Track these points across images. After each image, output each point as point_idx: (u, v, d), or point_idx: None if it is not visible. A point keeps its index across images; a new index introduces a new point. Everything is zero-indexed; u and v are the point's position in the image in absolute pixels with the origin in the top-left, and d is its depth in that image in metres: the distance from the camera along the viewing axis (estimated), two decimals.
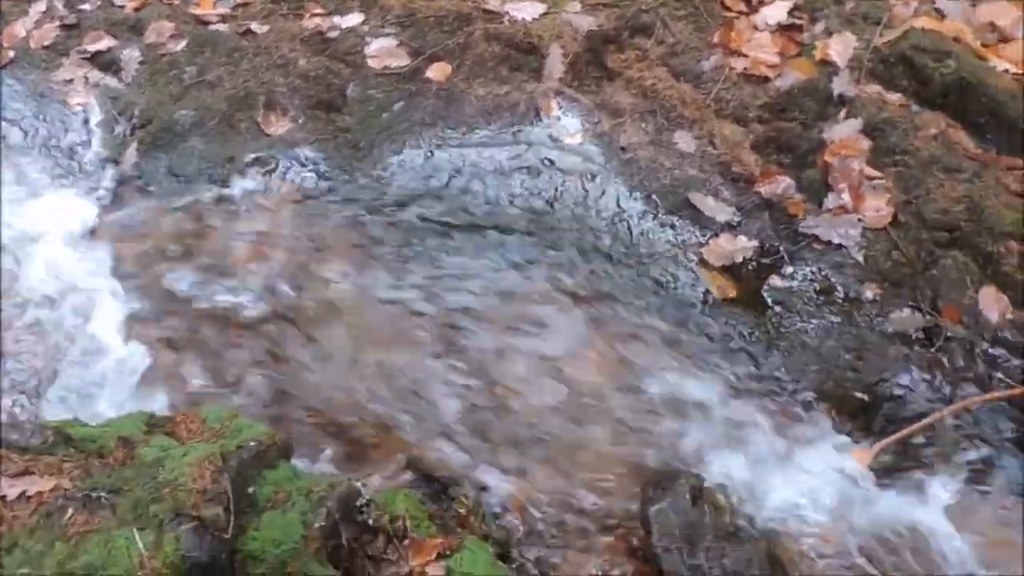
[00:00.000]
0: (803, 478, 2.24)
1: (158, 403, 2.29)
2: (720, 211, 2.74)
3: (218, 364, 2.48)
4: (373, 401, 2.42)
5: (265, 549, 1.58)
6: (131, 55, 3.25)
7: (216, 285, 2.65)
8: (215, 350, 2.51)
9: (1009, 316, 2.40)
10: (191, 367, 2.44)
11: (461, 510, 2.09)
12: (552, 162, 2.88)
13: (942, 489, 2.24)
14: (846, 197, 2.68)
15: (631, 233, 2.73)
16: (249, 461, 1.72)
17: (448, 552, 1.91)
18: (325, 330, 2.55)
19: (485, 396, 2.42)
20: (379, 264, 2.68)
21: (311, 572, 1.61)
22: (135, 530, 1.48)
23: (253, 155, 2.95)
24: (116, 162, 3.01)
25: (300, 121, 3.04)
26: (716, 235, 2.70)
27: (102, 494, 1.61)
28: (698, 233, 2.72)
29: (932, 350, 2.39)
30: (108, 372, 2.39)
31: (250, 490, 1.68)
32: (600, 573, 2.10)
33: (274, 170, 2.91)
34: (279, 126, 3.03)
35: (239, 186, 2.90)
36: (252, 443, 1.76)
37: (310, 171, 2.91)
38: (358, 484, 1.84)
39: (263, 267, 2.67)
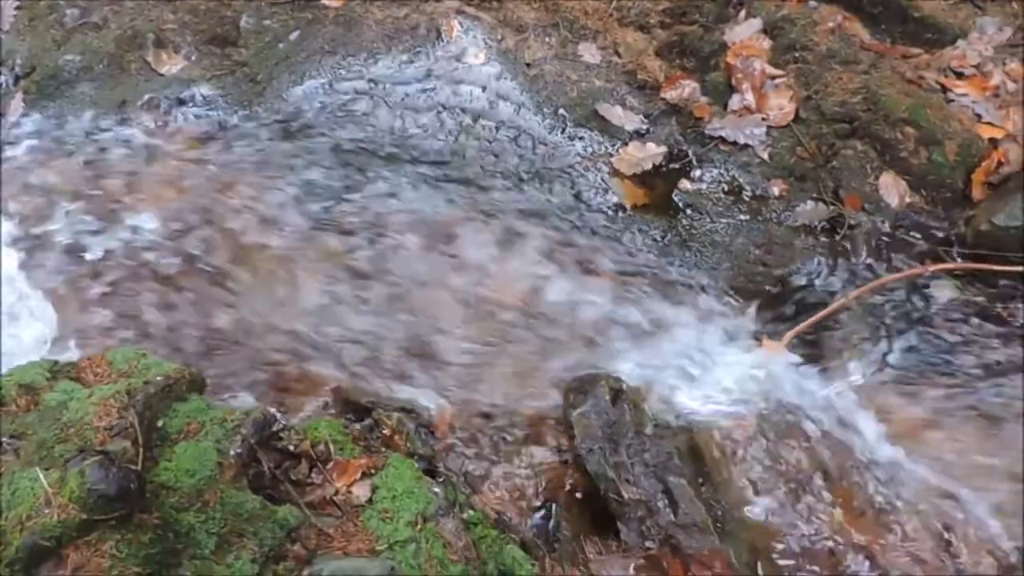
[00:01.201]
0: (719, 371, 2.30)
1: (65, 352, 2.23)
2: (628, 120, 2.74)
3: (127, 309, 2.41)
4: (292, 335, 2.39)
5: (178, 478, 1.56)
6: (6, 1, 3.07)
7: (120, 230, 2.56)
8: (123, 296, 2.43)
9: (908, 200, 2.48)
10: (98, 314, 2.37)
11: (385, 431, 2.09)
12: (457, 83, 2.83)
13: (852, 371, 2.33)
14: (750, 97, 2.70)
15: (541, 149, 2.72)
16: (157, 395, 1.68)
17: (373, 471, 1.91)
18: (237, 267, 2.50)
19: (404, 320, 2.41)
20: (286, 197, 2.62)
21: (230, 498, 1.59)
22: (39, 470, 1.45)
23: (147, 96, 2.84)
24: (2, 115, 2.87)
25: (193, 58, 2.93)
26: (625, 144, 2.71)
27: (4, 440, 1.56)
28: (608, 143, 2.73)
29: (837, 239, 2.46)
30: (8, 325, 2.30)
31: (160, 423, 1.66)
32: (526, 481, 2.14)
33: (170, 110, 2.81)
34: (172, 64, 2.91)
35: (135, 129, 2.79)
36: (159, 378, 1.72)
37: (208, 109, 2.81)
38: (273, 410, 1.82)
39: (168, 209, 2.59)
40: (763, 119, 2.67)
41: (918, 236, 2.44)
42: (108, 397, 1.65)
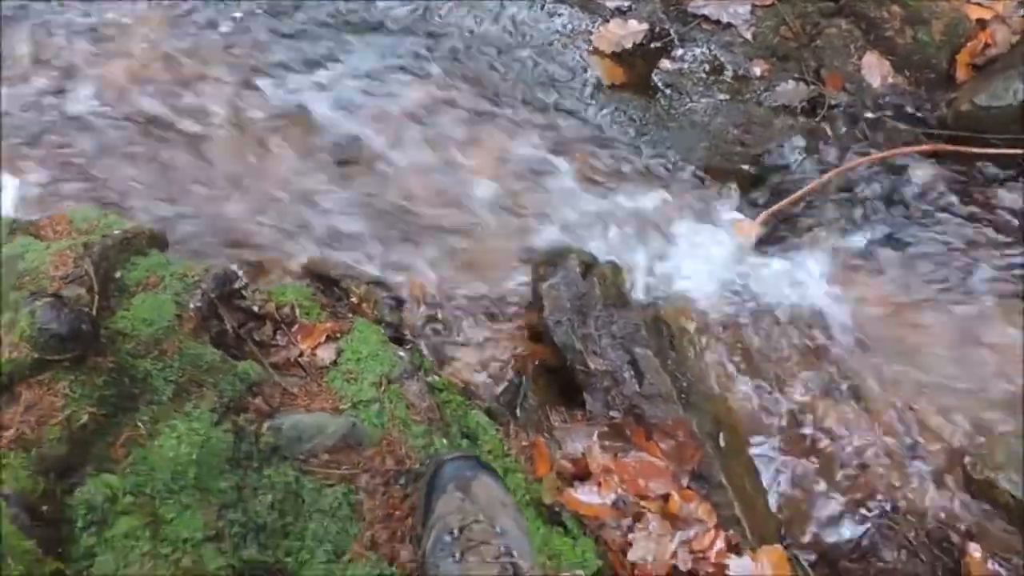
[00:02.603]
0: (692, 249, 2.28)
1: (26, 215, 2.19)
2: None
3: (94, 186, 2.36)
4: (266, 212, 2.35)
5: (135, 327, 1.55)
6: None
7: (87, 107, 2.48)
8: (91, 173, 2.37)
9: (890, 80, 2.42)
10: (67, 187, 2.33)
11: (353, 299, 2.08)
12: None
13: (825, 252, 2.32)
14: None
15: (520, 24, 2.64)
16: (115, 247, 1.66)
17: (339, 335, 1.91)
18: (211, 146, 2.43)
19: (377, 197, 2.37)
20: (259, 74, 2.54)
21: (189, 349, 1.59)
22: None
23: None
24: None
25: None
26: (606, 21, 2.63)
27: None
28: (588, 20, 2.65)
29: (816, 119, 2.42)
30: None
31: (117, 275, 1.64)
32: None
33: None
34: None
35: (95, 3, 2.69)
36: (117, 231, 1.70)
37: None
38: (235, 267, 1.80)
39: (137, 87, 2.51)
40: None
41: (899, 117, 2.40)
42: (64, 249, 1.62)
